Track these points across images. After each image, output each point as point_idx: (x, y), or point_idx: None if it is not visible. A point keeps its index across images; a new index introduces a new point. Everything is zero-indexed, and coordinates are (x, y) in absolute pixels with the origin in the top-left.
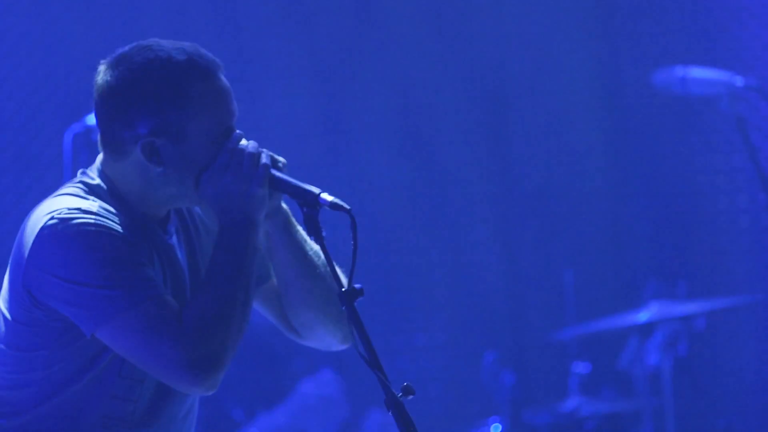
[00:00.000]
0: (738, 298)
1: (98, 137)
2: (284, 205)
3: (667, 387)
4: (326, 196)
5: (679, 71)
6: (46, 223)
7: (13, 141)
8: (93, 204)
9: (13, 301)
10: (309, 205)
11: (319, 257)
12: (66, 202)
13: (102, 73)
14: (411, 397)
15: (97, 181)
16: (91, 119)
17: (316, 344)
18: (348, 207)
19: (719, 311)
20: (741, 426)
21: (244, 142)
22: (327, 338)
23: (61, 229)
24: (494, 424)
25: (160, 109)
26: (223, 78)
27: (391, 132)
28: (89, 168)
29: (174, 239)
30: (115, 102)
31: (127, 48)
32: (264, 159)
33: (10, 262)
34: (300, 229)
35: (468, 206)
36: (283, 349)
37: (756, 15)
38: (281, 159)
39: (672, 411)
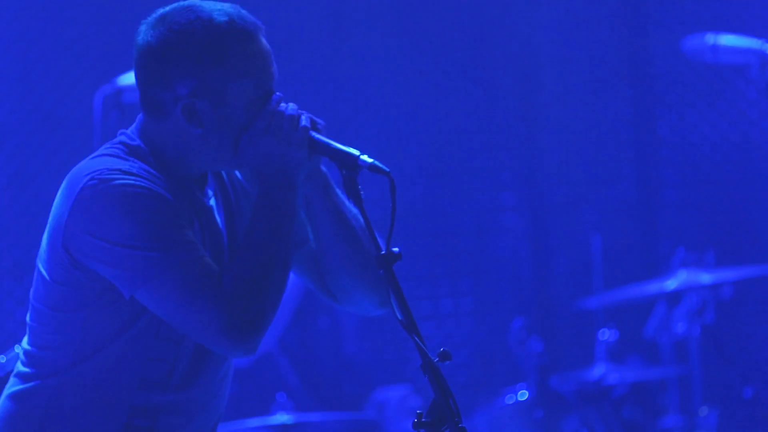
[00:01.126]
0: (766, 267)
1: (139, 98)
2: (323, 168)
3: (694, 355)
4: (366, 158)
5: (710, 39)
6: (86, 183)
7: (43, 102)
8: (133, 165)
9: (52, 262)
10: (348, 168)
11: (358, 220)
12: (106, 163)
13: (142, 34)
14: (447, 362)
15: (137, 142)
16: (123, 80)
17: (354, 308)
18: (387, 169)
19: (747, 280)
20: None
21: (283, 104)
22: (364, 302)
23: (101, 190)
24: (521, 391)
25: (200, 71)
26: (263, 40)
27: (419, 97)
28: (129, 129)
29: (212, 201)
30: (156, 63)
31: (167, 8)
32: (303, 121)
33: (49, 222)
34: (339, 192)
35: (495, 172)
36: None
37: None
38: (320, 121)
39: (699, 379)
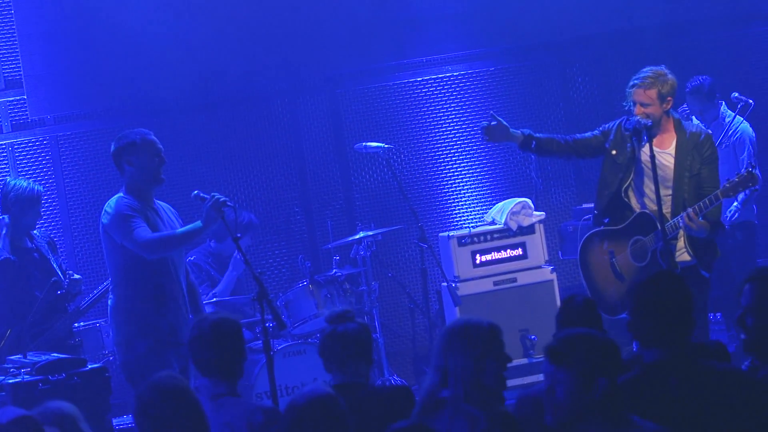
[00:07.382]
0: (393, 227)
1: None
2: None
3: (368, 264)
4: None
5: (363, 144)
6: (107, 207)
7: None
8: (124, 196)
9: (104, 241)
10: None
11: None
12: (115, 198)
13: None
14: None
15: (124, 187)
16: None
17: None
18: (232, 204)
19: (385, 232)
20: (405, 279)
21: (216, 195)
22: None
23: (113, 207)
24: (306, 282)
25: (131, 152)
26: (153, 137)
27: None
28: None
29: (156, 207)
30: (116, 153)
31: (119, 136)
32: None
33: (100, 226)
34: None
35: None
36: None
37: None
38: (230, 201)
39: (370, 274)
